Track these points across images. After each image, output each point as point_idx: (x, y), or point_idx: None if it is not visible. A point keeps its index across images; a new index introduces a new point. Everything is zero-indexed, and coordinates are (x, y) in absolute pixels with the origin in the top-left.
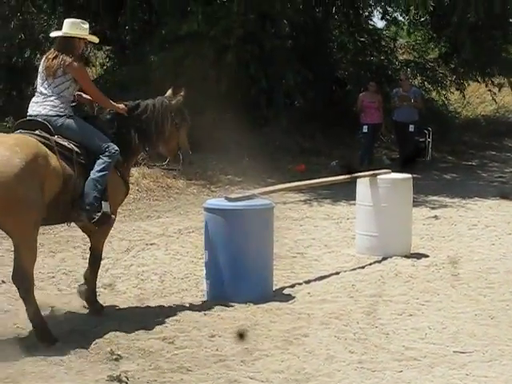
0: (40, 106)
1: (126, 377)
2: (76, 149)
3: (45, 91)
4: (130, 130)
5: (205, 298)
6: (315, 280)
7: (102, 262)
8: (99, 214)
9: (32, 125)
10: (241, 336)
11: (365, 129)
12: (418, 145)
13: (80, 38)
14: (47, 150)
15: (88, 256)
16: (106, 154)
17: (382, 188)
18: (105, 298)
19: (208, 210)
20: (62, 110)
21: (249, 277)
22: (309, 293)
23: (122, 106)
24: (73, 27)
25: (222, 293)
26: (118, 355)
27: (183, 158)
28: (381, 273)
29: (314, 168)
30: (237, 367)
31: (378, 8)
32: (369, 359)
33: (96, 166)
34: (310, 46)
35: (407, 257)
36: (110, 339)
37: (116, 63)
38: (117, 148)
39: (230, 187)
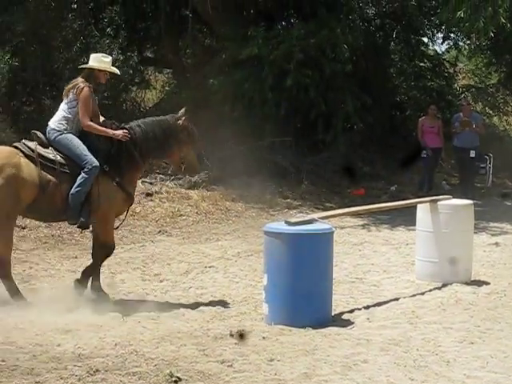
0: (51, 120)
1: None
2: (61, 160)
3: (59, 108)
4: (125, 146)
5: (263, 322)
6: (374, 305)
7: (161, 285)
8: (79, 221)
9: (35, 137)
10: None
11: (424, 154)
12: (479, 171)
13: (100, 70)
14: (25, 159)
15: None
16: (85, 169)
17: (442, 214)
18: (166, 320)
19: (268, 233)
20: (60, 125)
21: (308, 301)
22: (368, 318)
23: (119, 132)
24: (95, 60)
25: (280, 317)
26: (177, 378)
27: (186, 169)
28: (441, 299)
29: (373, 193)
30: None
31: (438, 34)
32: None
33: (77, 180)
34: (369, 70)
35: (468, 284)
36: (170, 361)
37: (176, 86)
38: (95, 164)
39: (289, 211)
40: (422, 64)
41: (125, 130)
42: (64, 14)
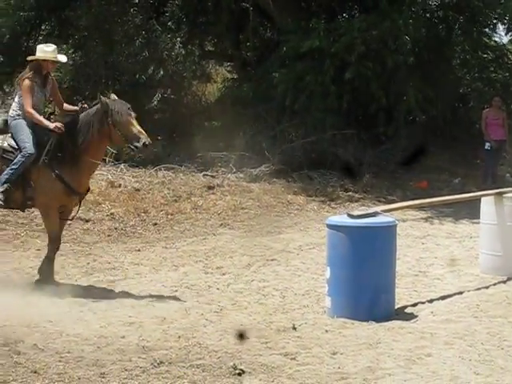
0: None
1: None
2: (6, 146)
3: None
4: (61, 138)
5: (326, 315)
6: (438, 299)
7: (224, 277)
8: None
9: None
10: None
11: (488, 146)
12: None
13: (44, 60)
14: None
15: None
16: (21, 153)
17: (508, 207)
18: (228, 313)
19: (330, 226)
20: (13, 112)
21: (371, 294)
22: (432, 312)
23: (54, 124)
24: (39, 51)
25: (343, 310)
26: (241, 370)
27: (133, 144)
28: (506, 293)
29: (436, 185)
30: None
31: (501, 25)
32: (494, 382)
33: (13, 161)
34: (432, 62)
35: None
36: (233, 354)
37: (237, 80)
38: (30, 152)
39: (350, 204)
40: (485, 55)
41: (60, 124)
42: (126, 9)
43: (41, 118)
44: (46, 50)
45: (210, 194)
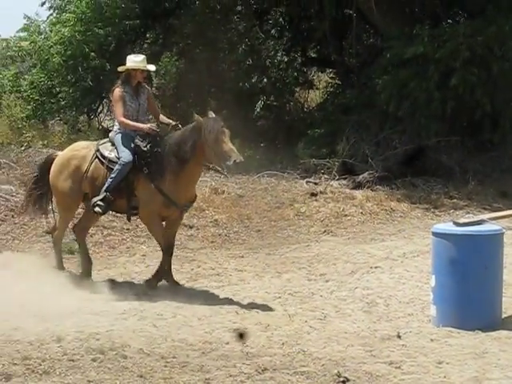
0: None
1: None
2: (111, 157)
3: None
4: (160, 150)
5: (431, 324)
6: None
7: (327, 284)
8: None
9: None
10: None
11: None
12: None
13: (134, 69)
14: (90, 154)
15: None
16: (119, 162)
17: None
18: (332, 320)
19: (436, 234)
20: (115, 127)
21: (477, 303)
22: None
23: (148, 126)
24: (128, 61)
25: (449, 319)
26: (345, 378)
27: (223, 162)
28: None
29: None
30: None
31: None
32: None
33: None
34: None
35: None
36: (337, 361)
37: (340, 86)
38: (126, 160)
39: (455, 211)
40: None
41: (153, 125)
42: (229, 16)
43: (134, 123)
44: (135, 60)
45: (313, 200)
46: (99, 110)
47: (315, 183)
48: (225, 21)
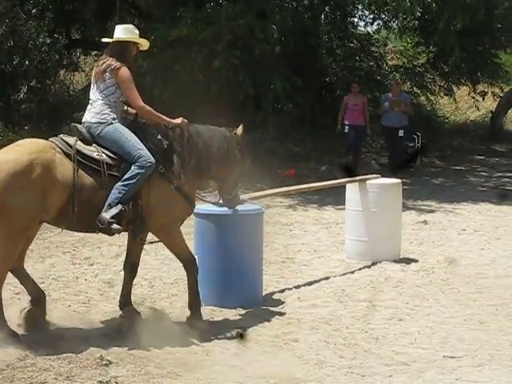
0: (88, 112)
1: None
2: (108, 160)
3: (92, 97)
4: (183, 147)
5: None
6: (305, 285)
7: (92, 268)
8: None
9: (75, 131)
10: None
11: (346, 129)
12: (408, 150)
13: (134, 43)
14: (61, 157)
15: None
16: (137, 164)
17: (371, 193)
18: (96, 303)
19: (198, 215)
20: (103, 116)
21: (238, 282)
22: (298, 298)
23: (181, 119)
24: (126, 32)
25: (211, 298)
26: (108, 360)
27: (226, 190)
28: (370, 278)
29: (303, 173)
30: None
31: (368, 13)
32: (358, 364)
33: (126, 175)
34: (298, 51)
35: (397, 262)
36: (99, 345)
37: None
38: (151, 160)
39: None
40: (351, 44)
41: (184, 119)
42: None
43: (160, 115)
44: (135, 32)
45: None
46: None
47: None
48: None
